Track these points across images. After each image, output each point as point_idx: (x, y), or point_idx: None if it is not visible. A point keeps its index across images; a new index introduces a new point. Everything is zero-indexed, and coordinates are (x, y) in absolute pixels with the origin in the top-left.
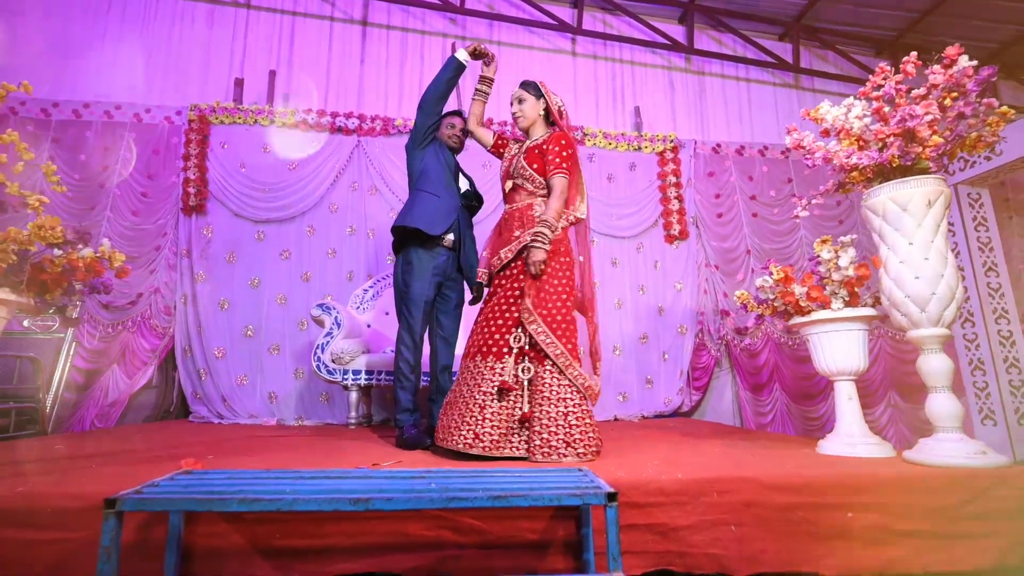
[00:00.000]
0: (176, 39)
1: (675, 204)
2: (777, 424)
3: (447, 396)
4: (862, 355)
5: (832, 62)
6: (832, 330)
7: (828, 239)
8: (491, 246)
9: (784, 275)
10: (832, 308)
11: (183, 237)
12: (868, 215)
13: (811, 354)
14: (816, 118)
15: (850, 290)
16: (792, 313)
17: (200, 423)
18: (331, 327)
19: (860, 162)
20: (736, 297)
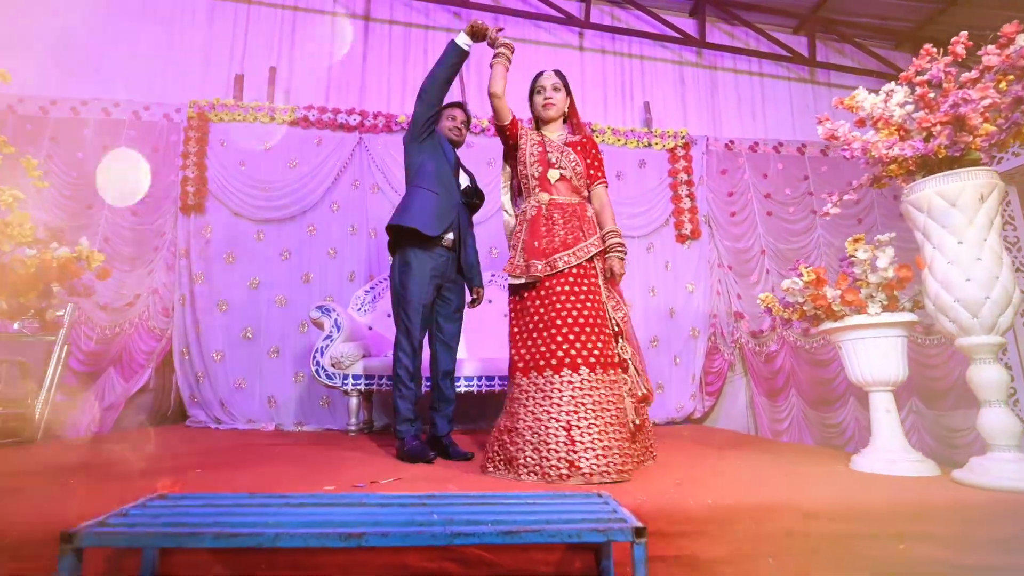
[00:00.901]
0: (176, 35)
1: (687, 202)
2: (794, 431)
3: (504, 420)
4: (901, 364)
5: (849, 55)
6: (869, 336)
7: (861, 237)
8: (546, 236)
9: (816, 277)
10: (869, 313)
11: (182, 237)
12: (910, 211)
13: (843, 362)
14: (852, 106)
15: (889, 293)
16: (823, 318)
17: (197, 428)
18: (331, 330)
19: (903, 153)
20: (760, 300)
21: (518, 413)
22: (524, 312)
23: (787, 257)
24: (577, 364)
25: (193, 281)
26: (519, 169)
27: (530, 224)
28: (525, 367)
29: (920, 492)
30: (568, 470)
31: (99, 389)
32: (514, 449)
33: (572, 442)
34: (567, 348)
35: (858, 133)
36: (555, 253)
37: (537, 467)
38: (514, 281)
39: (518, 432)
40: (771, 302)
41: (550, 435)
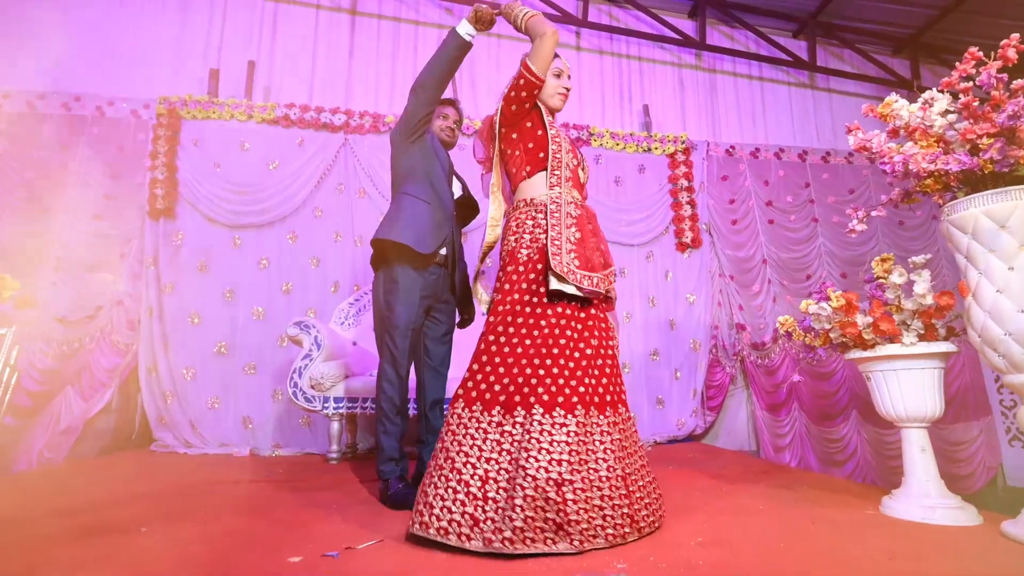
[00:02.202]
0: (146, 24)
1: (687, 210)
2: (796, 448)
3: (448, 466)
4: (938, 398)
5: (848, 61)
6: (902, 368)
7: (890, 257)
8: (592, 248)
9: (847, 302)
10: (904, 342)
11: (150, 244)
12: (951, 232)
13: (872, 394)
14: (886, 114)
15: (926, 322)
16: (850, 346)
17: (164, 453)
18: (310, 348)
19: (948, 167)
20: (779, 324)
21: (475, 457)
22: (515, 327)
23: (789, 267)
24: (573, 404)
25: (162, 292)
26: (547, 151)
27: (578, 225)
28: (490, 399)
29: (977, 555)
30: (555, 534)
31: (55, 411)
32: (472, 506)
33: (564, 502)
34: (570, 383)
35: (893, 145)
36: (600, 270)
37: (504, 530)
38: (561, 287)
39: (479, 482)
40: (791, 326)
41: (529, 490)
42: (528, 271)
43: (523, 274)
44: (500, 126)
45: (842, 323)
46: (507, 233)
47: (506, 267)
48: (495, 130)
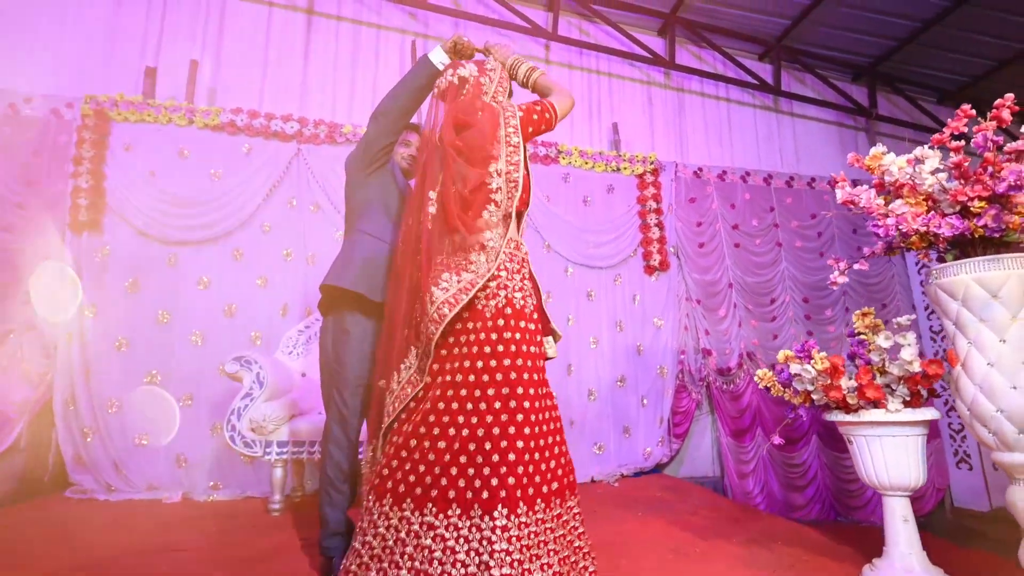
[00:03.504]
0: (71, 13)
1: (655, 232)
2: (759, 473)
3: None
4: (921, 466)
5: (810, 86)
6: (886, 434)
7: (870, 311)
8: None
9: (832, 366)
10: (889, 408)
11: (71, 260)
12: (939, 296)
13: (853, 458)
14: (873, 167)
15: (912, 388)
16: (832, 407)
17: (80, 500)
18: (251, 386)
19: (940, 231)
20: (758, 377)
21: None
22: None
23: (754, 291)
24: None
25: (84, 314)
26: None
27: (531, 279)
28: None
29: None
30: None
31: None
32: None
33: None
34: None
35: (881, 201)
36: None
37: None
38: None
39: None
40: (770, 381)
41: None
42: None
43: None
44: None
45: (826, 386)
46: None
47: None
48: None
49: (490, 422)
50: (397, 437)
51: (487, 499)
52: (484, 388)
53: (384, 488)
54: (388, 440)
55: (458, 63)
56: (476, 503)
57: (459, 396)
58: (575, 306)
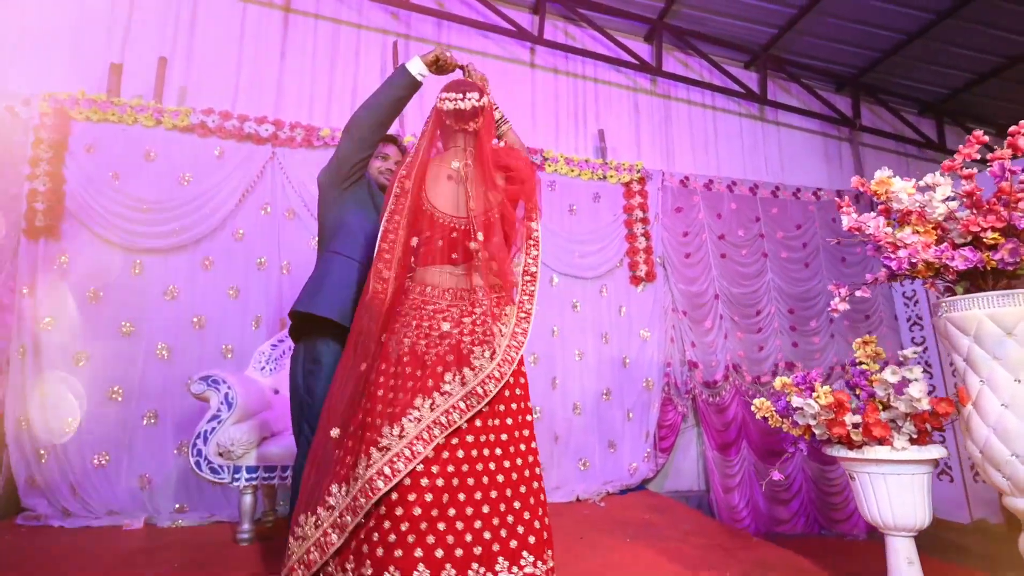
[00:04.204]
0: (31, 5)
1: (641, 242)
2: (745, 487)
3: None
4: (927, 506)
5: (795, 95)
6: (891, 472)
7: (872, 340)
8: None
9: (837, 402)
10: (895, 446)
11: (26, 269)
12: (948, 330)
13: (855, 495)
14: (880, 192)
15: (919, 426)
16: (834, 442)
17: (32, 528)
18: (218, 408)
19: (954, 264)
20: (755, 407)
21: None
22: None
23: (740, 302)
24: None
25: (39, 327)
26: None
27: None
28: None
29: None
30: None
31: None
32: None
33: None
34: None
35: (889, 230)
36: None
37: None
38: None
39: None
40: (768, 411)
41: None
42: None
43: None
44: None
45: (830, 421)
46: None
47: None
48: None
49: (520, 467)
50: (413, 495)
51: (516, 548)
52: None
53: (411, 560)
54: (389, 504)
55: (480, 87)
56: (510, 553)
57: (492, 443)
58: (559, 318)
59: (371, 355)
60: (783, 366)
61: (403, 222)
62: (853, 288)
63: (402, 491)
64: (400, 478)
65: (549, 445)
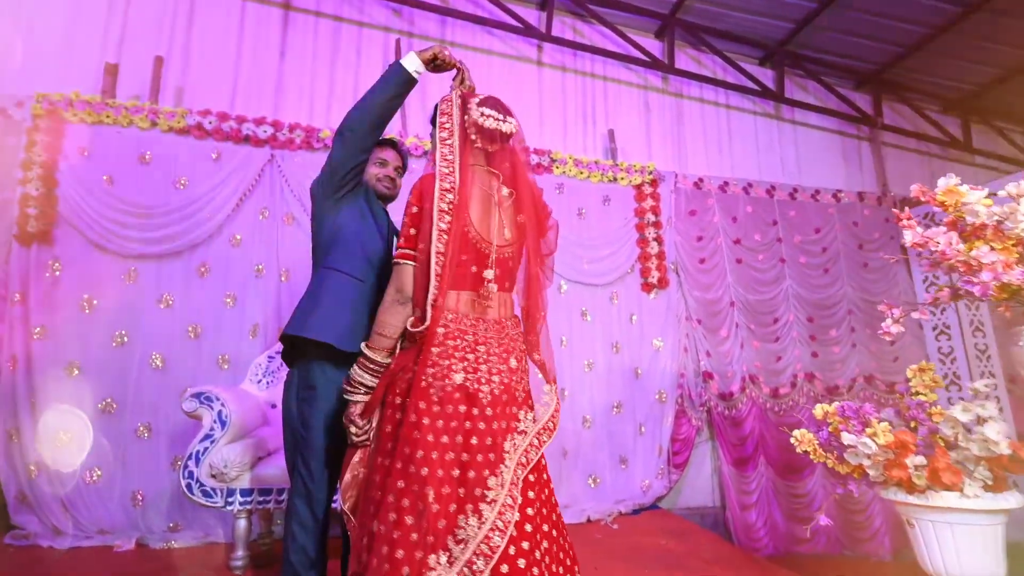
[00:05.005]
0: (25, 3)
1: (654, 247)
2: (763, 505)
3: None
4: (999, 559)
5: (812, 92)
6: (959, 522)
7: (930, 367)
8: None
9: (899, 442)
10: (966, 493)
11: (17, 276)
12: None
13: (915, 544)
14: (948, 203)
15: (996, 472)
16: (891, 484)
17: (21, 548)
18: (211, 426)
19: None
20: (794, 438)
21: None
22: None
23: (756, 310)
24: None
25: (31, 336)
26: None
27: None
28: None
29: None
30: None
31: None
32: None
33: None
34: None
35: (962, 247)
36: None
37: None
38: None
39: None
40: (809, 445)
41: None
42: None
43: None
44: None
45: (889, 463)
46: None
47: None
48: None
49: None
50: (518, 546)
51: None
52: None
53: None
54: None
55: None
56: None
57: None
58: (568, 326)
59: (422, 394)
60: (802, 377)
61: (452, 246)
62: (908, 310)
63: (511, 541)
64: (511, 529)
65: (558, 460)
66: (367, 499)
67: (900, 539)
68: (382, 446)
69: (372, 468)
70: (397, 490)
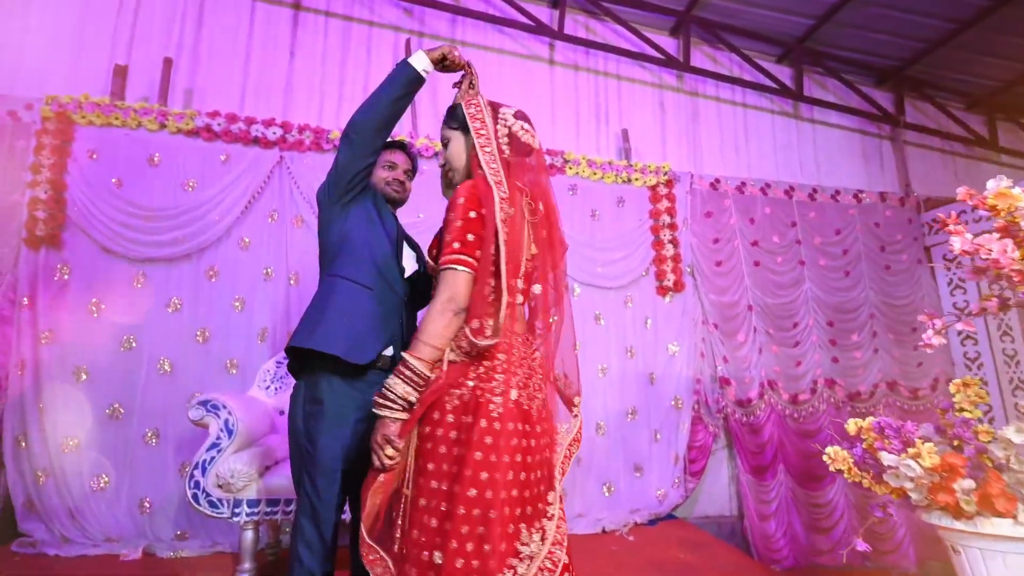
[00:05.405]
0: (33, 4)
1: (669, 249)
2: (782, 515)
3: None
4: None
5: (832, 90)
6: (1012, 551)
7: (973, 382)
8: None
9: (947, 465)
10: (1019, 519)
11: (25, 279)
12: None
13: (959, 571)
14: (1000, 207)
15: None
16: (934, 507)
17: (28, 556)
18: (218, 435)
19: None
20: (827, 455)
21: None
22: None
23: (775, 314)
24: None
25: (39, 340)
26: None
27: None
28: None
29: None
30: None
31: None
32: None
33: None
34: None
35: (1017, 255)
36: None
37: None
38: None
39: None
40: (843, 463)
41: None
42: None
43: None
44: None
45: (934, 486)
46: None
47: None
48: None
49: None
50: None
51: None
52: None
53: None
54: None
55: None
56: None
57: None
58: (582, 330)
59: (485, 413)
60: (823, 383)
61: (511, 257)
62: (950, 322)
63: (567, 553)
64: (567, 541)
65: (572, 468)
66: (419, 526)
67: (925, 550)
68: (437, 469)
69: (422, 493)
70: (458, 516)
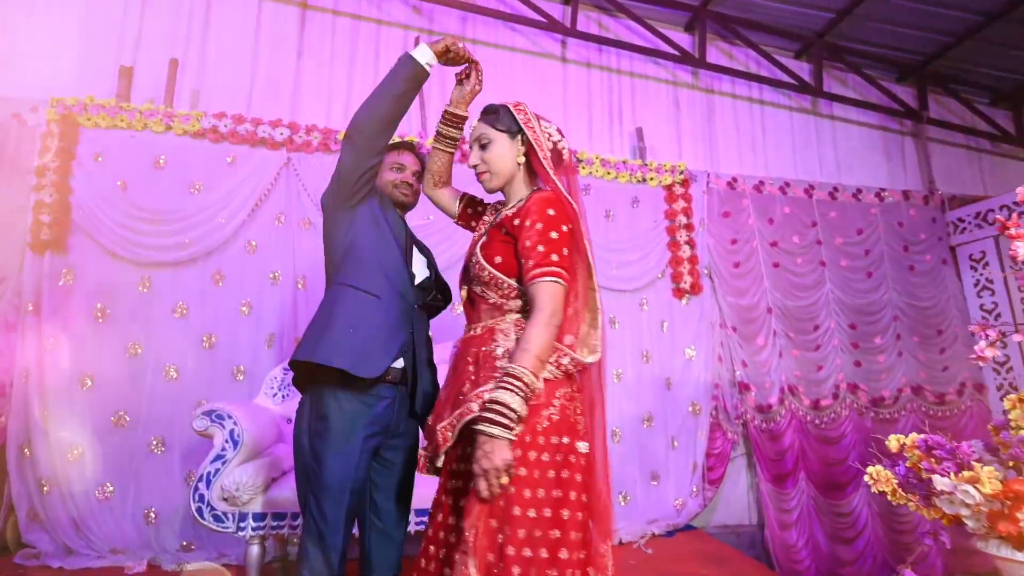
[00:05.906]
0: (38, 6)
1: (685, 250)
2: (803, 524)
3: None
4: None
5: (852, 86)
6: None
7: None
8: (443, 395)
9: (1012, 492)
10: None
11: (30, 284)
12: None
13: None
14: None
15: None
16: (991, 535)
17: (33, 568)
18: (223, 446)
19: None
20: (869, 476)
21: None
22: None
23: (795, 316)
24: None
25: (44, 347)
26: None
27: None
28: None
29: None
30: None
31: None
32: None
33: None
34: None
35: None
36: (438, 421)
37: None
38: None
39: None
40: (887, 485)
41: None
42: None
43: None
44: None
45: (994, 514)
46: None
47: None
48: None
49: None
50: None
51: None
52: None
53: None
54: None
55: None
56: None
57: None
58: None
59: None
60: (845, 388)
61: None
62: (1007, 330)
63: None
64: None
65: None
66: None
67: (952, 561)
68: (547, 496)
69: (521, 524)
70: (572, 542)
